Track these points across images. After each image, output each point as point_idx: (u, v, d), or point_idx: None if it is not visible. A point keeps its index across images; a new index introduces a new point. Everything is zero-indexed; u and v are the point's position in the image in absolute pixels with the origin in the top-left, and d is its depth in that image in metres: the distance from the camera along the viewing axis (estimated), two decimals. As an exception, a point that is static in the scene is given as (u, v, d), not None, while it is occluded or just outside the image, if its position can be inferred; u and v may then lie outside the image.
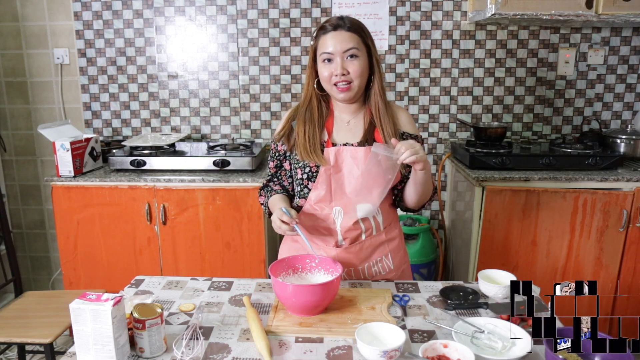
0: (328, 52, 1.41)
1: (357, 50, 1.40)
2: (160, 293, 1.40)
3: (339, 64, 1.40)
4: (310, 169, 1.46)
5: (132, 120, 2.95)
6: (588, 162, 2.37)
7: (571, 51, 2.76)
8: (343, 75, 1.40)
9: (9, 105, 2.96)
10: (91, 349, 1.04)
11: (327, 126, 1.51)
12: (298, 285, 1.23)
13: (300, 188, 1.51)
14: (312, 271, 1.38)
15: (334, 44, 1.40)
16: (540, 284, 1.55)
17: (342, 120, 1.52)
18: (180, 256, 2.45)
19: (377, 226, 1.51)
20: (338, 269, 1.32)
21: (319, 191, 1.46)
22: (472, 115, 2.87)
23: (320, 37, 1.43)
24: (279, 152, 1.56)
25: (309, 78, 1.50)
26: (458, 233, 2.72)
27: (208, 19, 2.80)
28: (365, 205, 1.45)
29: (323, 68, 1.43)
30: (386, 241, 1.55)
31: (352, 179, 1.44)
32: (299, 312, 1.25)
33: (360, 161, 1.44)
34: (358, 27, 1.43)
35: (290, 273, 1.37)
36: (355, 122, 1.51)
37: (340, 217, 1.46)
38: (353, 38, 1.40)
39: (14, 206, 3.09)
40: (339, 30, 1.41)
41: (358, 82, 1.43)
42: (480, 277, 1.37)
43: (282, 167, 1.57)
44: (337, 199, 1.46)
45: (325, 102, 1.53)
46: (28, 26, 2.85)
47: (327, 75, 1.42)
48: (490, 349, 1.09)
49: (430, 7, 2.74)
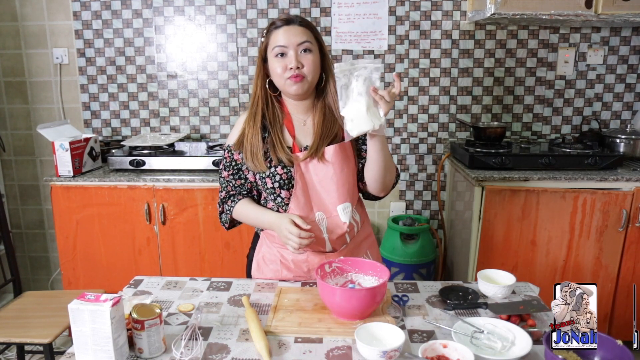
0: (281, 45, 1.36)
1: (310, 44, 1.37)
2: (159, 293, 1.40)
3: (293, 57, 1.35)
4: (281, 176, 1.40)
5: (132, 120, 2.95)
6: (587, 162, 2.37)
7: (571, 51, 2.76)
8: (297, 69, 1.35)
9: (8, 105, 2.96)
10: (90, 349, 1.04)
11: (287, 128, 1.45)
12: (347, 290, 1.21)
13: (274, 197, 1.43)
14: (356, 274, 1.36)
15: (287, 37, 1.36)
16: (540, 284, 1.55)
17: (298, 120, 1.46)
18: (180, 256, 2.45)
19: (357, 225, 1.50)
20: (384, 272, 1.29)
21: (298, 199, 1.41)
22: (472, 115, 2.87)
23: (272, 32, 1.39)
24: (235, 162, 1.47)
25: (258, 78, 1.44)
26: (457, 233, 2.72)
27: (207, 19, 2.80)
28: (345, 205, 1.43)
29: (276, 63, 1.37)
30: (364, 239, 1.55)
31: (327, 180, 1.41)
32: (345, 317, 1.23)
33: (333, 160, 1.40)
34: (309, 23, 1.41)
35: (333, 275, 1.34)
36: (310, 121, 1.46)
37: (324, 223, 1.43)
38: (305, 32, 1.37)
39: (13, 206, 3.09)
40: (291, 24, 1.37)
41: (311, 77, 1.38)
42: (480, 277, 1.37)
43: (239, 176, 1.49)
44: (316, 203, 1.42)
45: (279, 103, 1.47)
46: (27, 26, 2.84)
47: (280, 70, 1.36)
48: (489, 349, 1.09)
49: (429, 7, 2.74)
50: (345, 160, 1.42)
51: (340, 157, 1.41)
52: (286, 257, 1.47)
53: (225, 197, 1.52)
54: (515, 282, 1.37)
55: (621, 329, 2.43)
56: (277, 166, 1.40)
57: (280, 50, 1.36)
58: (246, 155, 1.42)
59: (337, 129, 1.43)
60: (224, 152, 1.50)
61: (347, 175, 1.43)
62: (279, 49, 1.36)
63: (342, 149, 1.41)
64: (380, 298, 1.21)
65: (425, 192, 2.96)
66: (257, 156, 1.40)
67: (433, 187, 2.95)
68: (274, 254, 1.49)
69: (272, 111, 1.44)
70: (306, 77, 1.37)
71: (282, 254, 1.48)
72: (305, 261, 1.46)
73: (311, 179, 1.41)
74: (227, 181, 1.51)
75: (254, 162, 1.40)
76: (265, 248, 1.52)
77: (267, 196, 1.47)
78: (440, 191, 2.94)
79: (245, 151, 1.42)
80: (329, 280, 1.32)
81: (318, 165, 1.40)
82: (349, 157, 1.43)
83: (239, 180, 1.49)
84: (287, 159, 1.38)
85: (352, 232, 1.48)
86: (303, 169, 1.40)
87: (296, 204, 1.41)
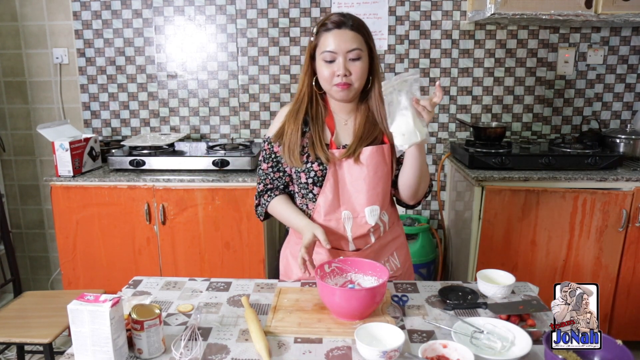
0: (330, 50, 1.34)
1: (360, 52, 1.35)
2: (158, 294, 1.40)
3: (342, 64, 1.34)
4: (316, 173, 1.41)
5: (132, 120, 2.95)
6: (587, 162, 2.37)
7: (570, 51, 2.76)
8: (345, 77, 1.35)
9: (8, 105, 2.96)
10: (89, 350, 1.04)
11: (328, 125, 1.46)
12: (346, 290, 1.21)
13: (306, 192, 1.46)
14: (354, 273, 1.35)
15: (337, 43, 1.34)
16: (540, 283, 1.55)
17: (340, 119, 1.47)
18: (180, 256, 2.45)
19: (384, 227, 1.49)
20: (383, 272, 1.29)
21: (326, 195, 1.42)
22: (472, 115, 2.87)
23: (322, 34, 1.36)
24: (275, 154, 1.49)
25: (305, 76, 1.44)
26: (457, 233, 2.72)
27: (207, 19, 2.80)
28: (372, 207, 1.43)
29: (324, 67, 1.37)
30: (392, 240, 1.54)
31: (360, 180, 1.41)
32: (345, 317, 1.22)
33: (367, 162, 1.41)
34: (361, 26, 1.37)
35: (332, 275, 1.34)
36: (352, 122, 1.47)
37: (349, 222, 1.44)
38: (356, 38, 1.35)
39: (13, 206, 3.09)
40: (343, 28, 1.34)
41: (358, 84, 1.38)
42: (479, 277, 1.37)
43: (278, 168, 1.50)
44: (345, 202, 1.43)
45: (323, 101, 1.48)
46: (27, 26, 2.84)
47: (327, 75, 1.36)
48: (489, 349, 1.09)
49: (429, 7, 2.74)
50: (380, 163, 1.42)
51: (375, 160, 1.41)
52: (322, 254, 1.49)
53: (262, 190, 1.53)
54: (515, 282, 1.37)
55: (621, 329, 2.43)
56: (314, 162, 1.42)
57: (330, 57, 1.35)
58: (284, 149, 1.43)
59: (378, 132, 1.44)
60: (264, 144, 1.51)
61: (380, 178, 1.43)
62: (328, 54, 1.35)
63: (379, 152, 1.42)
64: (380, 298, 1.21)
65: (425, 192, 2.96)
66: (293, 152, 1.41)
67: (433, 187, 2.95)
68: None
69: (315, 109, 1.45)
70: (353, 84, 1.37)
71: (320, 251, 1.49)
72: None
73: (344, 177, 1.42)
74: (266, 174, 1.51)
75: (291, 158, 1.42)
76: (292, 244, 1.56)
77: (298, 191, 1.48)
78: (440, 191, 2.94)
79: (283, 146, 1.44)
80: (328, 281, 1.32)
81: (353, 166, 1.41)
82: (385, 162, 1.43)
83: (278, 172, 1.50)
84: (324, 157, 1.40)
85: (377, 232, 1.48)
86: (337, 167, 1.41)
87: (324, 200, 1.43)
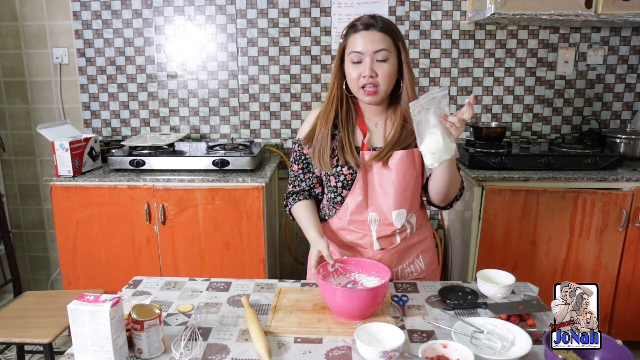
0: (357, 51, 1.35)
1: (387, 53, 1.34)
2: (158, 294, 1.40)
3: (368, 65, 1.34)
4: (345, 177, 1.42)
5: (132, 120, 2.95)
6: (587, 162, 2.37)
7: (570, 51, 2.76)
8: (371, 78, 1.34)
9: (8, 105, 2.96)
10: (89, 350, 1.04)
11: (361, 127, 1.46)
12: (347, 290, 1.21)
13: (334, 195, 1.47)
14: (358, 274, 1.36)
15: (364, 43, 1.34)
16: (540, 284, 1.55)
17: (371, 121, 1.47)
18: (180, 256, 2.45)
19: (411, 229, 1.50)
20: (385, 272, 1.29)
21: (355, 196, 1.43)
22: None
23: (350, 35, 1.37)
24: (305, 156, 1.51)
25: (335, 78, 1.44)
26: (457, 233, 2.72)
27: (207, 19, 2.80)
28: (400, 211, 1.44)
29: (351, 69, 1.37)
30: (418, 242, 1.54)
31: (389, 184, 1.42)
32: (346, 317, 1.23)
33: (397, 166, 1.41)
34: (390, 27, 1.37)
35: (336, 275, 1.34)
36: (382, 124, 1.47)
37: (376, 224, 1.44)
38: (385, 39, 1.34)
39: (13, 206, 3.09)
40: (371, 29, 1.34)
41: (385, 87, 1.37)
42: (479, 277, 1.37)
43: (309, 169, 1.52)
44: (372, 204, 1.44)
45: (354, 104, 1.48)
46: (27, 26, 2.84)
47: (355, 77, 1.36)
48: (489, 349, 1.09)
49: (429, 7, 2.74)
50: (410, 167, 1.42)
51: (405, 164, 1.41)
52: (335, 252, 1.50)
53: (290, 191, 1.56)
54: (515, 282, 1.37)
55: (621, 329, 2.43)
56: (344, 166, 1.42)
57: (357, 58, 1.36)
58: (313, 153, 1.45)
59: (412, 140, 1.42)
60: (294, 145, 1.54)
61: (410, 182, 1.43)
62: (355, 55, 1.36)
63: (410, 156, 1.42)
64: (381, 298, 1.21)
65: (425, 192, 2.96)
66: (323, 156, 1.43)
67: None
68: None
69: (345, 112, 1.45)
70: (379, 86, 1.37)
71: (332, 250, 1.50)
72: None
73: (373, 179, 1.43)
74: (295, 175, 1.54)
75: (320, 162, 1.43)
76: None
77: (327, 193, 1.50)
78: (440, 191, 2.93)
79: (313, 149, 1.45)
80: (331, 280, 1.33)
81: (382, 169, 1.41)
82: (415, 166, 1.43)
83: (308, 173, 1.53)
84: (354, 162, 1.40)
85: (403, 233, 1.48)
86: (367, 170, 1.42)
87: (353, 200, 1.44)
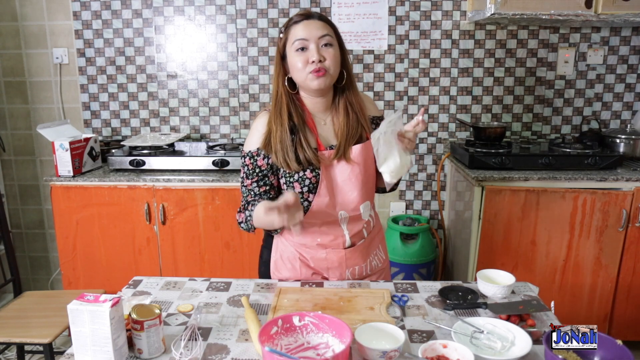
0: (302, 38, 1.33)
1: (331, 38, 1.35)
2: (158, 294, 1.40)
3: (315, 50, 1.32)
4: (310, 180, 1.37)
5: (132, 120, 2.95)
6: (587, 162, 2.37)
7: (570, 51, 2.76)
8: (320, 62, 1.32)
9: (8, 105, 2.96)
10: (89, 350, 1.04)
11: (310, 128, 1.41)
12: None
13: (301, 201, 1.40)
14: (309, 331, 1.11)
15: (308, 30, 1.33)
16: (540, 284, 1.55)
17: (319, 119, 1.44)
18: (180, 256, 2.45)
19: (372, 220, 1.52)
20: (346, 333, 1.02)
21: (322, 198, 1.39)
22: (472, 115, 2.87)
23: (292, 27, 1.36)
24: (260, 168, 1.39)
25: (278, 77, 1.40)
26: (457, 233, 2.72)
27: (207, 19, 2.80)
28: (366, 203, 1.46)
29: (296, 58, 1.34)
30: (377, 233, 1.57)
31: (352, 179, 1.41)
32: None
33: (358, 159, 1.41)
34: (328, 19, 1.39)
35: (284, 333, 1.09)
36: (330, 121, 1.45)
37: (345, 222, 1.44)
38: (326, 27, 1.35)
39: (13, 206, 3.09)
40: (311, 19, 1.35)
41: (333, 70, 1.35)
42: (479, 277, 1.37)
43: (264, 182, 1.41)
44: (339, 202, 1.42)
45: (299, 102, 1.43)
46: (27, 26, 2.84)
47: (301, 65, 1.33)
48: (489, 349, 1.09)
49: (429, 7, 2.74)
50: (368, 159, 1.43)
51: (364, 157, 1.42)
52: (305, 256, 1.47)
53: (245, 204, 1.42)
54: (515, 282, 1.37)
55: (621, 329, 2.43)
56: (306, 170, 1.37)
57: (301, 45, 1.34)
58: (277, 155, 1.36)
59: (362, 129, 1.43)
60: (244, 159, 1.42)
61: (371, 174, 1.45)
62: (300, 42, 1.34)
63: (366, 149, 1.42)
64: None
65: (425, 192, 2.96)
66: (288, 154, 1.35)
67: (433, 187, 2.95)
68: (292, 252, 1.48)
69: (295, 109, 1.40)
70: (328, 70, 1.34)
71: (300, 252, 1.47)
72: (325, 259, 1.46)
73: (336, 177, 1.41)
74: (248, 190, 1.42)
75: (287, 161, 1.35)
76: (281, 247, 1.50)
77: None
78: (440, 191, 2.94)
79: (276, 152, 1.36)
80: (280, 342, 1.06)
81: (344, 165, 1.40)
82: (371, 158, 1.43)
83: (264, 187, 1.41)
84: (315, 160, 1.36)
85: (369, 227, 1.50)
86: (329, 169, 1.40)
87: (320, 203, 1.40)
